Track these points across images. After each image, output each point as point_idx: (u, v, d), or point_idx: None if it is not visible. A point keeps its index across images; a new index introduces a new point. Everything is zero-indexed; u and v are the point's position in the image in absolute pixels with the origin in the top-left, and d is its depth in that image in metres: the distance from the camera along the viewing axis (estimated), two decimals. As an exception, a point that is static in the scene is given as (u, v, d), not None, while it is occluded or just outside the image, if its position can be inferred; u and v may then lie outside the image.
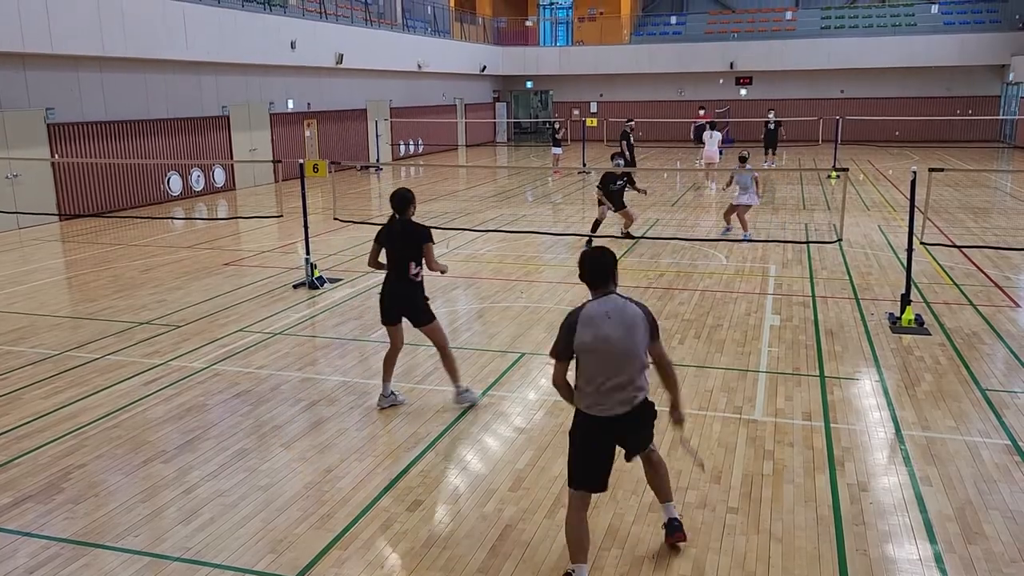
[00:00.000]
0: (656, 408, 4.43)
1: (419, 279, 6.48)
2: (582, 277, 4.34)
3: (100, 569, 4.47)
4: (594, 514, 4.94)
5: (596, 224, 13.27)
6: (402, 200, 6.44)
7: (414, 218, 6.52)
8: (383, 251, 6.53)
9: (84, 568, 4.48)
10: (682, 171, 26.20)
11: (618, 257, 4.38)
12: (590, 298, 4.28)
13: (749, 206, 13.68)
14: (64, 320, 9.48)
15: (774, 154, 25.29)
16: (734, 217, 13.88)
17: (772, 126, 24.85)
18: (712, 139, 21.40)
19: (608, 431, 4.26)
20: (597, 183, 13.34)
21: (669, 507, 4.69)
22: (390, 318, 6.60)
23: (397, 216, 6.44)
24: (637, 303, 4.31)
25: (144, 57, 18.25)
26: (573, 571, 4.22)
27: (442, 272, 6.73)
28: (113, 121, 18.24)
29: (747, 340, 8.35)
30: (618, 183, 13.09)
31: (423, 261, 6.42)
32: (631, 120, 23.51)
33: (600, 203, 13.24)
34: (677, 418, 4.59)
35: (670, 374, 4.43)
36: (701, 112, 32.25)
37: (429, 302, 6.63)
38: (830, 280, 10.90)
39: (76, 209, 17.25)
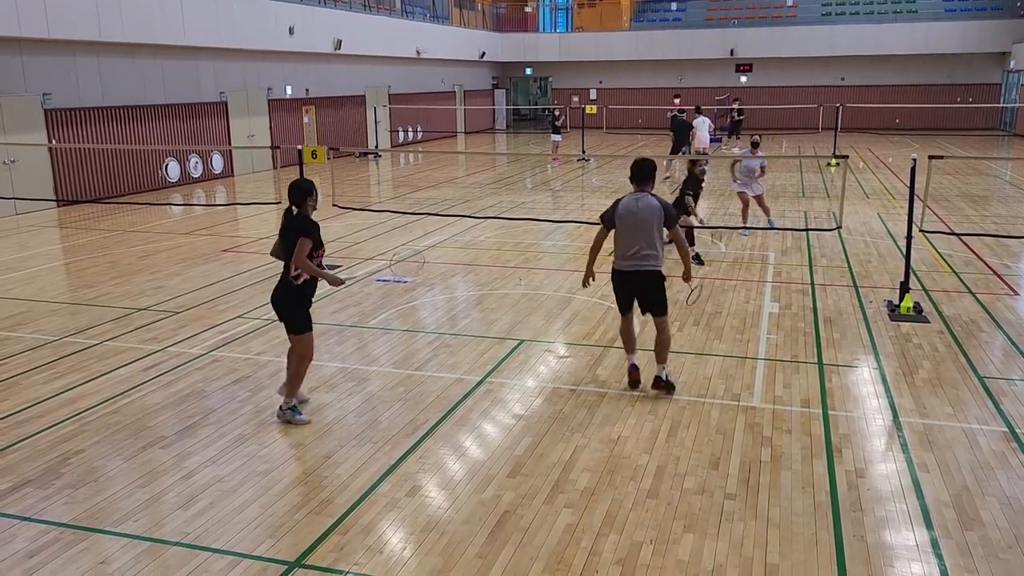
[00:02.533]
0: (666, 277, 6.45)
1: (299, 282, 5.93)
2: (631, 178, 6.55)
3: (99, 554, 4.48)
4: (592, 501, 4.96)
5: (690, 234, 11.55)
6: (298, 191, 5.95)
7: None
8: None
9: (83, 552, 4.49)
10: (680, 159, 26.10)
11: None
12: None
13: (758, 195, 12.95)
14: (62, 306, 9.47)
15: (739, 139, 25.34)
16: (755, 206, 13.02)
17: (737, 115, 24.85)
18: (703, 125, 21.23)
19: (627, 281, 6.51)
20: (686, 189, 11.37)
21: (660, 368, 6.63)
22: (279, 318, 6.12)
23: (294, 209, 5.95)
24: (659, 199, 6.41)
25: (141, 42, 18.16)
26: (629, 360, 6.70)
27: (333, 283, 6.13)
28: (110, 107, 18.16)
29: (746, 327, 8.36)
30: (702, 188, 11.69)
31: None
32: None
33: (689, 212, 11.26)
34: (687, 277, 6.69)
35: (682, 248, 6.60)
36: (676, 101, 32.06)
37: (310, 309, 6.04)
38: (829, 268, 10.90)
39: (74, 195, 17.20)
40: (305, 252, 5.84)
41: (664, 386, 6.58)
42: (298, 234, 5.84)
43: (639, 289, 6.48)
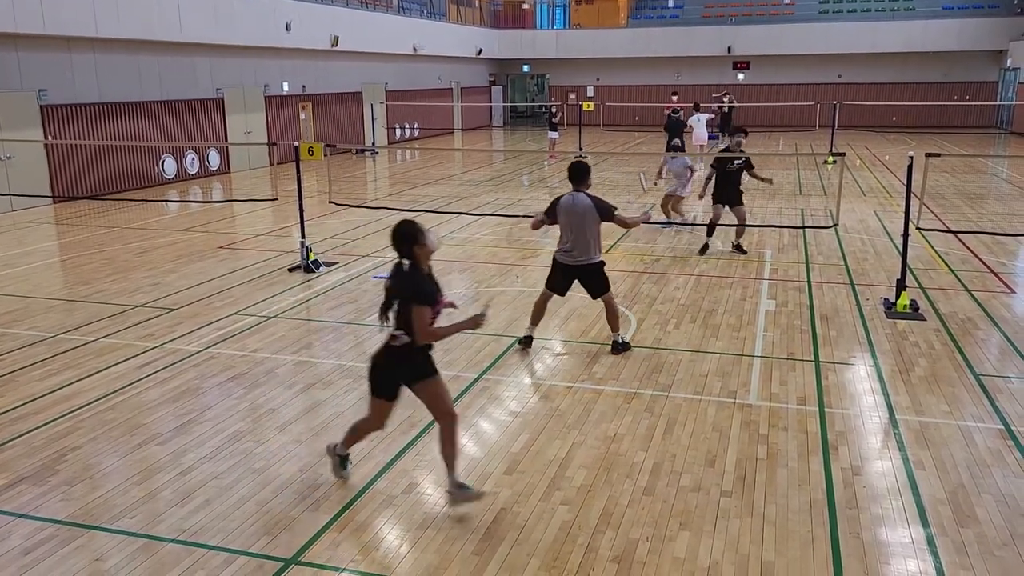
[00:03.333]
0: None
1: (397, 343, 4.68)
2: (569, 178, 7.29)
3: (95, 550, 4.47)
4: (588, 498, 4.96)
5: (712, 226, 11.45)
6: (402, 238, 4.58)
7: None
8: None
9: (79, 550, 4.48)
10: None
11: (614, 243, 4.50)
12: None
13: (681, 197, 13.10)
14: (58, 302, 9.45)
15: (728, 135, 25.33)
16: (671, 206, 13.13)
17: (728, 110, 24.80)
18: (700, 122, 21.26)
19: (565, 272, 7.33)
20: (710, 164, 11.52)
21: (615, 335, 7.44)
22: None
23: (404, 263, 4.60)
24: (592, 197, 7.13)
25: (138, 38, 18.10)
26: (528, 329, 7.52)
27: (477, 326, 4.72)
28: (107, 103, 18.12)
29: (742, 325, 8.36)
30: (736, 163, 11.16)
31: None
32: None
33: (715, 201, 11.43)
34: (633, 222, 7.58)
35: (628, 224, 7.58)
36: (674, 98, 32.03)
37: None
38: (826, 265, 10.91)
39: (70, 191, 17.16)
40: (426, 323, 4.54)
41: (621, 347, 7.45)
42: (410, 301, 4.54)
43: (581, 279, 7.37)
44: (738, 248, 11.59)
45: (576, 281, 7.44)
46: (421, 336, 4.59)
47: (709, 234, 11.61)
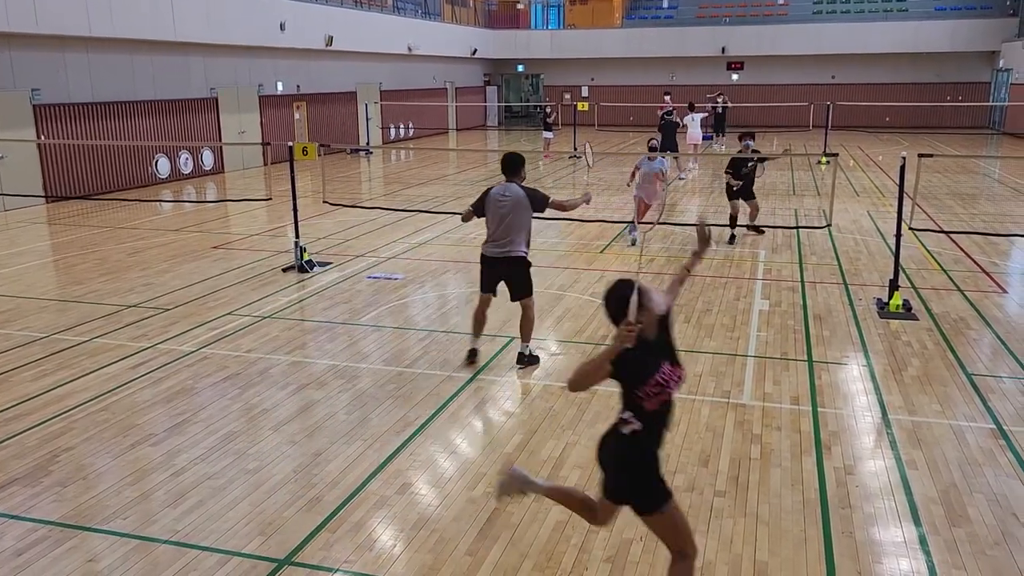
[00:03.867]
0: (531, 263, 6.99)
1: (627, 431, 3.68)
2: (502, 170, 7.12)
3: (88, 552, 4.46)
4: (582, 497, 4.96)
5: (732, 219, 12.41)
6: (614, 302, 3.59)
7: None
8: None
9: (72, 551, 4.47)
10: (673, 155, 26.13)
11: (608, 242, 4.48)
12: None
13: (649, 206, 12.23)
14: (51, 303, 9.42)
15: (723, 136, 25.37)
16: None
17: (721, 110, 24.82)
18: (694, 122, 21.22)
19: (492, 265, 7.01)
20: (726, 168, 12.58)
21: (524, 346, 7.18)
22: None
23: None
24: (524, 188, 6.96)
25: (131, 38, 18.06)
26: (472, 342, 7.22)
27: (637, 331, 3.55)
28: (100, 102, 18.06)
29: (736, 325, 8.38)
30: (749, 165, 12.30)
31: None
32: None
33: (730, 198, 12.45)
34: (571, 204, 7.33)
35: (567, 207, 7.27)
36: (667, 98, 32.02)
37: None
38: (819, 265, 10.94)
39: (62, 191, 17.11)
40: (599, 379, 3.56)
41: (528, 360, 7.17)
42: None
43: (504, 273, 7.05)
44: (755, 229, 12.83)
45: (503, 280, 7.08)
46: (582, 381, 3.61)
47: (732, 226, 12.47)
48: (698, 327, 8.29)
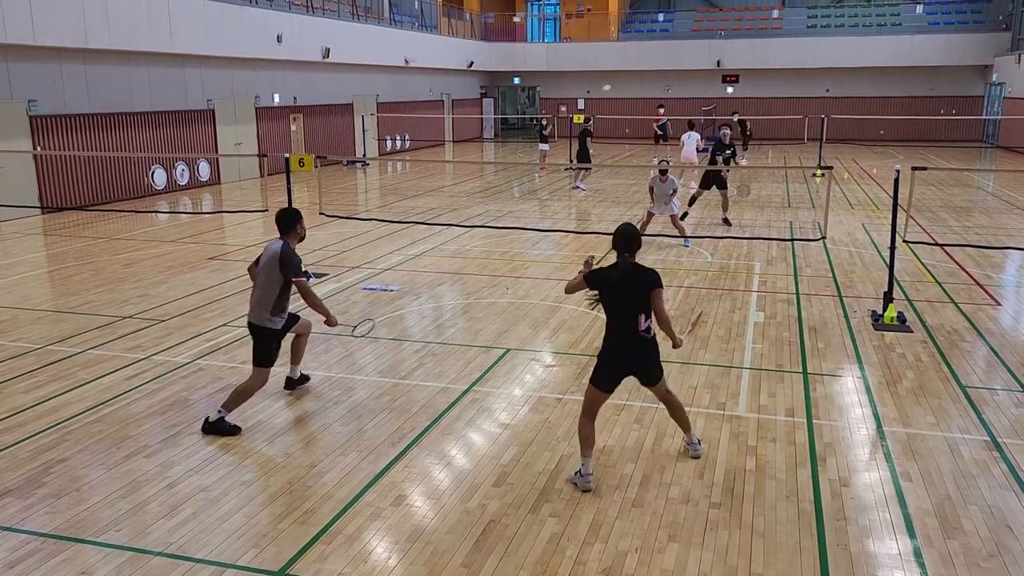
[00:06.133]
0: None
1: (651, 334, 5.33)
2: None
3: (81, 564, 4.44)
4: (577, 510, 4.97)
5: (693, 200, 14.85)
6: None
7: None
8: None
9: (65, 563, 4.45)
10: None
11: (604, 254, 4.53)
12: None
13: (673, 215, 12.94)
14: (46, 314, 9.40)
15: (746, 150, 25.38)
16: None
17: (747, 126, 24.79)
18: (690, 139, 20.85)
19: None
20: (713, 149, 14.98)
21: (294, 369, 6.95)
22: None
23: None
24: (285, 246, 6.21)
25: (128, 49, 18.09)
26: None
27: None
28: (96, 114, 18.07)
29: (731, 337, 8.39)
30: (725, 153, 14.43)
31: None
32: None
33: (703, 186, 14.64)
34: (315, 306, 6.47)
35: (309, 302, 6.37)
36: (660, 111, 32.10)
37: None
38: (814, 278, 10.97)
39: (58, 202, 17.09)
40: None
41: (298, 380, 6.96)
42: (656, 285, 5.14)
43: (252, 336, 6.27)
44: (725, 221, 14.40)
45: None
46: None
47: (690, 204, 14.63)
48: (693, 339, 8.30)
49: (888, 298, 8.80)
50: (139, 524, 4.83)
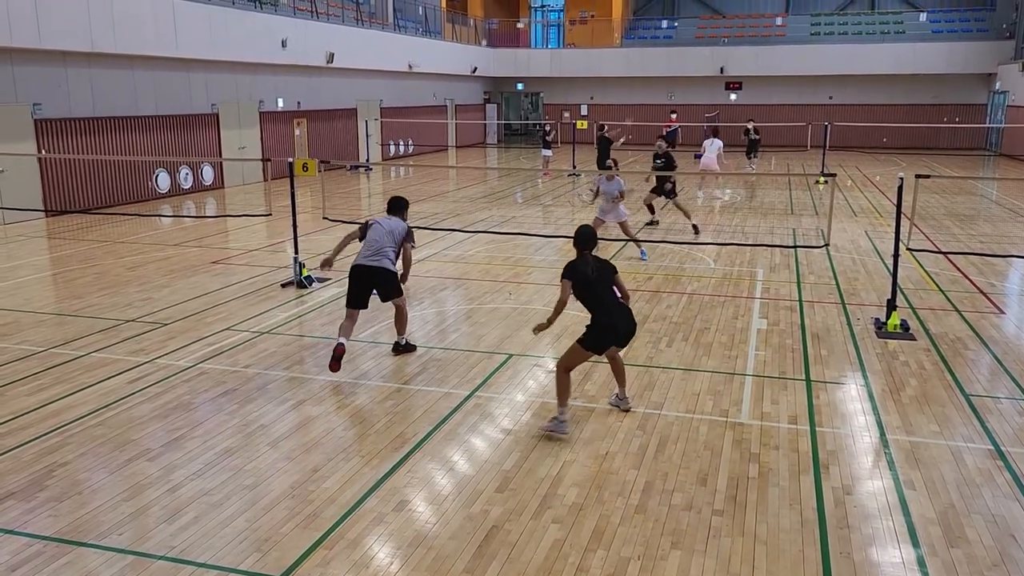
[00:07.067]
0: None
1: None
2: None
3: (83, 567, 4.44)
4: (580, 516, 4.96)
5: (651, 208, 15.65)
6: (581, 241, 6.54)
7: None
8: None
9: (67, 566, 4.45)
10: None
11: (609, 258, 4.51)
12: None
13: (622, 221, 12.29)
14: (49, 317, 9.42)
15: (756, 158, 25.26)
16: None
17: (755, 137, 24.50)
18: (712, 146, 20.29)
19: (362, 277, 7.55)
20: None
21: (400, 336, 8.00)
22: None
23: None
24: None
25: (133, 53, 18.15)
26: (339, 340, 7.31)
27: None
28: (101, 117, 18.13)
29: (734, 344, 8.38)
30: (657, 162, 15.21)
31: None
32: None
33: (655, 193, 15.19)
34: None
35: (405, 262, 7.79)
36: (673, 116, 32.11)
37: None
38: (817, 285, 10.96)
39: (62, 205, 17.14)
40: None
41: (404, 349, 8.00)
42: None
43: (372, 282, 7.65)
44: (695, 228, 14.47)
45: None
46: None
47: (652, 212, 15.57)
48: (696, 346, 8.30)
49: (891, 306, 8.79)
50: (141, 528, 4.83)
